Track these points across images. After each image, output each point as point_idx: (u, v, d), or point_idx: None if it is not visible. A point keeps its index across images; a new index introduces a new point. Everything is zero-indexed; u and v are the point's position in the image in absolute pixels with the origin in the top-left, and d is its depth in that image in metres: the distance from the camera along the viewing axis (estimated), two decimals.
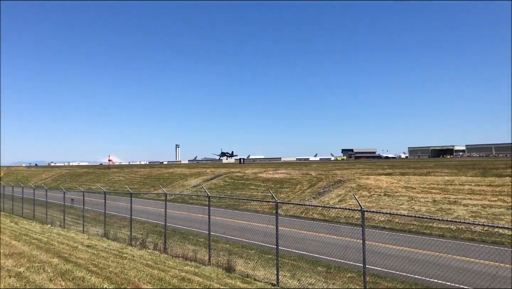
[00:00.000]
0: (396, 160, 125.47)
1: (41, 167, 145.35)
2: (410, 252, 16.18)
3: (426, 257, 15.20)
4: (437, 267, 13.77)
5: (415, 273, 13.41)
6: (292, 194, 38.06)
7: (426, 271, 13.32)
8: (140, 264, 11.49)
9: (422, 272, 13.35)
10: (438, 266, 13.87)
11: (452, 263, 14.28)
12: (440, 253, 15.78)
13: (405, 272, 13.53)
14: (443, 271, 13.14)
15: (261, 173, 51.01)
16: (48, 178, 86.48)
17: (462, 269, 13.63)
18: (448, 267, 13.70)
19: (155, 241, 17.83)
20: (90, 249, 13.98)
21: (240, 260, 15.25)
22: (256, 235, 19.55)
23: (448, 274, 12.86)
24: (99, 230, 21.88)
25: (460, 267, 14.08)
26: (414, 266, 13.72)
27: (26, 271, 8.58)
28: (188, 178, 56.83)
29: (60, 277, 8.20)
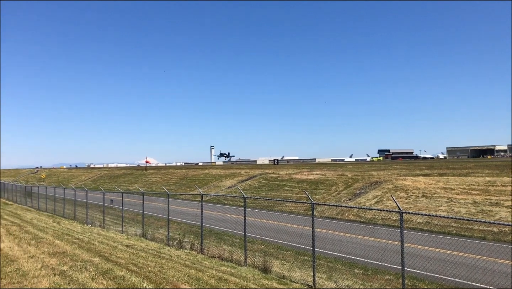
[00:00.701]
0: (434, 160, 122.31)
1: (81, 169, 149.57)
2: (450, 254, 15.77)
3: (466, 260, 14.77)
4: (479, 270, 13.34)
5: (456, 277, 13.07)
6: (327, 195, 37.77)
7: (467, 274, 12.94)
8: (177, 264, 11.68)
9: (463, 275, 12.98)
10: (480, 269, 13.45)
11: (494, 267, 13.81)
12: (482, 256, 15.29)
13: (445, 275, 13.21)
14: (485, 274, 12.73)
15: (296, 174, 50.84)
16: (88, 179, 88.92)
17: (505, 273, 13.20)
18: (491, 270, 13.27)
19: (192, 241, 18.06)
20: (129, 249, 14.30)
21: (275, 261, 15.26)
22: (292, 236, 19.53)
23: (490, 278, 12.46)
24: (137, 230, 22.34)
25: (503, 271, 13.62)
26: (455, 269, 13.37)
27: (69, 270, 8.86)
28: (223, 179, 57.25)
29: (101, 276, 8.43)
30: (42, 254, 10.78)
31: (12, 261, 9.53)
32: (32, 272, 8.43)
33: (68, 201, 32.41)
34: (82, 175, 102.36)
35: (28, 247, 11.92)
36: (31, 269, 8.76)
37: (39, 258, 10.13)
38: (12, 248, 11.59)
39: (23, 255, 10.43)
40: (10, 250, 11.21)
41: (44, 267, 8.97)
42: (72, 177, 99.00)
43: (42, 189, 39.83)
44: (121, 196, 24.96)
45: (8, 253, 10.68)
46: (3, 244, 12.45)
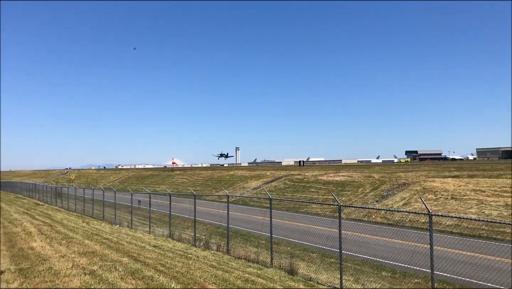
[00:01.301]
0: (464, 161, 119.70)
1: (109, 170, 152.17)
2: (480, 258, 15.38)
3: (498, 264, 14.37)
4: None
5: (487, 281, 12.74)
6: (354, 197, 37.43)
7: (499, 278, 12.59)
8: (204, 265, 11.77)
9: (494, 279, 12.63)
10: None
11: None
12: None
13: (476, 279, 12.93)
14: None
15: (322, 175, 50.54)
16: (116, 180, 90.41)
17: None
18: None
19: (218, 242, 18.16)
20: (156, 249, 14.48)
21: (302, 263, 15.21)
22: (318, 238, 19.42)
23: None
24: (164, 230, 22.59)
25: None
26: (486, 273, 13.04)
27: (99, 269, 9.03)
28: (249, 180, 57.38)
29: (130, 276, 8.57)
30: (72, 253, 11.02)
31: (44, 260, 9.77)
32: (63, 271, 8.63)
33: (97, 202, 33.01)
34: (111, 176, 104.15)
35: (59, 247, 12.20)
36: (62, 268, 8.96)
37: (70, 257, 10.36)
38: (44, 248, 11.88)
39: (55, 255, 10.69)
40: (42, 250, 11.50)
41: (74, 267, 9.17)
42: (100, 178, 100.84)
43: (72, 189, 40.67)
44: (149, 197, 25.28)
45: (40, 252, 10.96)
46: (35, 243, 12.79)
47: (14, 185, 73.81)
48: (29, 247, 11.97)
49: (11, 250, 11.35)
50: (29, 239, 13.68)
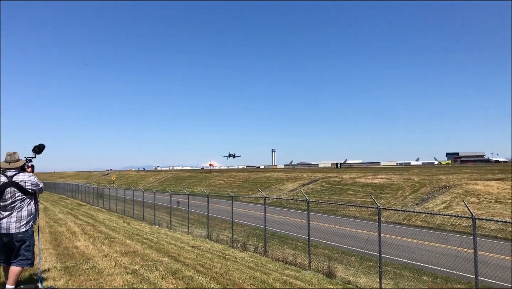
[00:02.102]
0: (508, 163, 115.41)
1: (149, 171, 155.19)
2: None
3: None
4: None
5: None
6: (393, 199, 36.77)
7: None
8: (242, 266, 11.84)
9: None
10: None
11: None
12: None
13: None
14: None
15: (360, 177, 49.86)
16: (155, 182, 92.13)
17: None
18: None
19: (255, 244, 18.23)
20: (195, 250, 14.67)
21: (340, 266, 15.07)
22: (356, 241, 19.20)
23: None
24: (202, 231, 22.86)
25: None
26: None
27: (141, 269, 9.23)
28: (285, 182, 57.27)
29: (171, 276, 8.72)
30: (115, 253, 11.31)
31: (88, 259, 10.07)
32: (106, 270, 8.87)
33: (137, 202, 33.74)
34: (150, 177, 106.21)
35: (102, 246, 12.54)
36: (105, 267, 9.21)
37: (112, 256, 10.64)
38: (88, 247, 12.25)
39: (98, 254, 10.99)
40: (86, 249, 11.85)
41: (117, 266, 9.41)
42: (140, 179, 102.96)
43: (113, 190, 41.73)
44: (187, 198, 25.65)
45: (84, 252, 11.30)
46: (79, 242, 13.19)
47: (58, 186, 76.35)
48: (73, 246, 12.36)
49: (56, 248, 11.75)
50: (73, 238, 14.13)
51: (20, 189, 6.28)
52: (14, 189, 6.23)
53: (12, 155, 6.51)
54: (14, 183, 6.25)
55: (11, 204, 6.22)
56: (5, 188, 6.20)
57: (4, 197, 6.21)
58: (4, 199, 6.21)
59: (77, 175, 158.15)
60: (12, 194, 6.22)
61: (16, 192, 6.24)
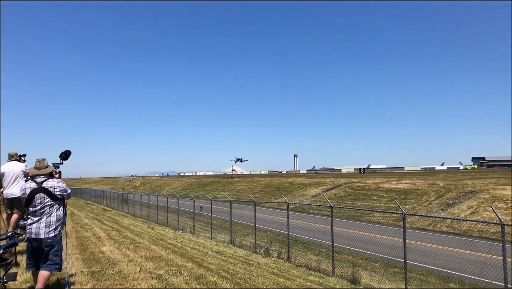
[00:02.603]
0: None
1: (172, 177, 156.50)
2: None
3: None
4: None
5: None
6: (417, 205, 36.22)
7: None
8: (266, 272, 11.84)
9: None
10: None
11: None
12: None
13: None
14: None
15: (383, 183, 49.29)
16: (179, 187, 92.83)
17: None
18: None
19: (279, 249, 18.19)
20: (219, 255, 14.73)
21: (364, 272, 14.92)
22: (380, 247, 18.99)
23: None
24: (225, 237, 22.92)
25: None
26: None
27: (165, 274, 9.32)
28: (307, 188, 57.00)
29: (195, 281, 8.79)
30: (140, 258, 11.44)
31: (113, 264, 10.21)
32: (132, 275, 8.98)
33: (161, 208, 34.07)
34: (173, 182, 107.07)
35: (127, 251, 12.70)
36: (131, 272, 9.33)
37: (138, 261, 10.76)
38: (113, 252, 12.42)
39: (123, 259, 11.14)
40: (111, 254, 12.02)
41: (142, 271, 9.52)
42: (164, 185, 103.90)
43: (137, 196, 42.25)
44: (210, 203, 25.79)
45: (110, 256, 11.46)
46: (105, 247, 13.38)
47: (83, 192, 77.65)
48: (99, 251, 12.55)
49: (83, 253, 11.94)
50: (99, 243, 14.34)
51: (50, 194, 6.43)
52: (43, 195, 6.39)
53: (41, 161, 6.67)
54: (44, 189, 6.41)
55: (41, 210, 6.38)
56: (35, 194, 6.36)
57: (34, 202, 6.36)
58: (34, 204, 6.37)
59: (102, 181, 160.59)
60: (41, 199, 6.37)
61: (45, 197, 6.40)
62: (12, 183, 10.56)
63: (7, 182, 10.57)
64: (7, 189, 10.58)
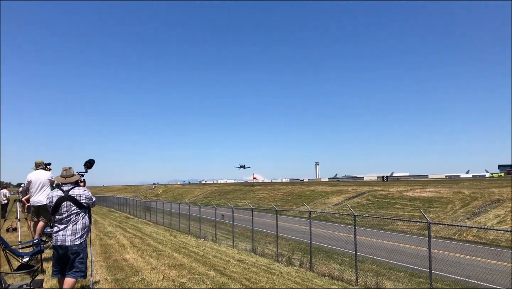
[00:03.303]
0: None
1: (194, 185, 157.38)
2: None
3: None
4: None
5: None
6: (442, 214, 35.59)
7: None
8: (288, 281, 11.77)
9: None
10: None
11: None
12: None
13: None
14: None
15: (407, 191, 48.60)
16: (200, 195, 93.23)
17: None
18: None
19: (301, 258, 18.08)
20: (241, 264, 14.71)
21: (388, 282, 14.70)
22: (404, 256, 18.69)
23: None
24: (247, 245, 22.89)
25: None
26: None
27: (188, 282, 9.35)
28: (330, 196, 56.58)
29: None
30: (162, 266, 11.51)
31: (137, 272, 10.29)
32: (155, 283, 9.03)
33: (183, 216, 34.24)
34: (195, 190, 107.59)
35: (150, 259, 12.79)
36: (154, 280, 9.39)
37: (160, 269, 10.82)
38: (136, 259, 12.52)
39: (146, 266, 11.22)
40: (134, 261, 12.12)
41: (165, 279, 9.57)
42: (185, 193, 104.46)
43: (159, 204, 42.59)
44: (231, 211, 25.81)
45: (133, 264, 11.56)
46: (128, 255, 13.50)
47: (107, 200, 78.59)
48: (122, 258, 12.67)
49: (107, 261, 12.07)
50: (123, 251, 14.48)
51: (76, 203, 6.53)
52: (70, 203, 6.49)
53: (68, 170, 6.79)
54: (70, 197, 6.51)
55: (67, 218, 6.48)
56: (61, 202, 6.47)
57: (60, 210, 6.47)
58: (60, 212, 6.47)
59: (125, 189, 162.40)
60: (68, 207, 6.48)
61: (72, 205, 6.50)
62: (39, 191, 10.80)
63: (34, 190, 10.82)
64: (34, 196, 10.82)
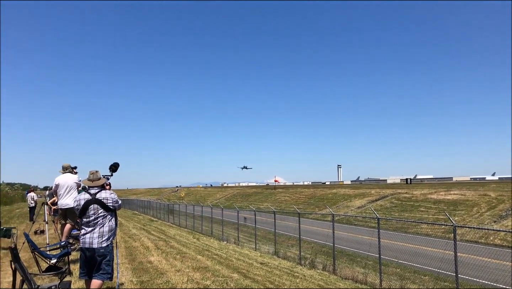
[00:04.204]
0: None
1: (216, 187, 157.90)
2: None
3: None
4: None
5: None
6: (468, 217, 34.95)
7: None
8: (312, 284, 11.76)
9: None
10: None
11: None
12: None
13: None
14: None
15: (431, 193, 47.87)
16: (222, 198, 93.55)
17: None
18: None
19: (324, 261, 18.00)
20: (264, 267, 14.75)
21: (413, 285, 14.57)
22: (429, 260, 18.44)
23: None
24: (269, 248, 22.90)
25: None
26: None
27: (212, 285, 9.42)
28: (352, 199, 56.10)
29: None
30: (186, 268, 11.63)
31: (161, 274, 10.42)
32: (179, 285, 9.13)
33: (205, 218, 34.46)
34: (217, 193, 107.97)
35: (174, 261, 12.93)
36: (178, 282, 9.49)
37: (185, 272, 10.94)
38: (161, 262, 12.67)
39: (171, 269, 11.35)
40: (159, 264, 12.27)
41: (189, 281, 9.67)
42: (208, 195, 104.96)
43: (182, 206, 42.95)
44: (254, 214, 25.86)
45: (158, 266, 11.70)
46: (153, 257, 13.68)
47: (131, 202, 79.62)
48: (147, 261, 12.83)
49: (132, 263, 12.24)
50: (147, 253, 14.67)
51: (103, 206, 6.67)
52: (97, 206, 6.63)
53: (94, 173, 6.94)
54: (98, 200, 6.65)
55: (94, 220, 6.62)
56: (89, 205, 6.62)
57: (88, 213, 6.61)
58: (88, 215, 6.61)
59: (148, 192, 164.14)
60: (95, 210, 6.62)
61: (99, 208, 6.64)
62: (66, 194, 11.06)
63: (61, 193, 11.09)
64: (62, 199, 11.08)
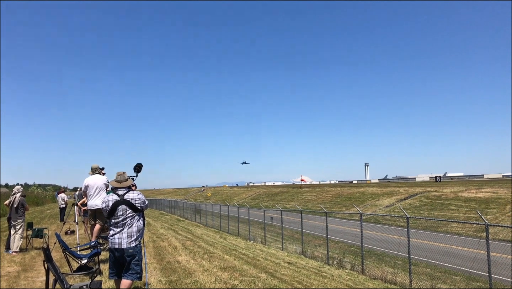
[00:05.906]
0: None
1: (242, 187, 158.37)
2: None
3: None
4: None
5: None
6: (500, 215, 34.05)
7: None
8: (340, 284, 11.63)
9: None
10: None
11: None
12: None
13: None
14: None
15: (462, 192, 46.84)
16: (248, 197, 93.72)
17: None
18: None
19: (352, 261, 17.81)
20: (291, 266, 14.67)
21: (444, 285, 14.27)
22: (460, 259, 18.01)
23: None
24: (296, 247, 22.80)
25: None
26: None
27: (240, 284, 9.42)
28: (380, 198, 55.40)
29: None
30: (214, 268, 11.67)
31: (190, 274, 10.47)
32: (207, 285, 9.16)
33: (232, 218, 34.56)
34: (243, 193, 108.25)
35: (202, 261, 13.00)
36: (206, 281, 9.52)
37: (212, 271, 10.97)
38: (189, 261, 12.75)
39: (199, 268, 11.40)
40: (187, 263, 12.34)
41: (217, 281, 9.69)
42: (234, 195, 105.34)
43: (209, 206, 43.19)
44: (280, 214, 25.78)
45: (185, 266, 11.77)
46: (181, 257, 13.77)
47: (158, 202, 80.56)
48: (175, 260, 12.93)
49: (160, 263, 12.35)
50: (175, 253, 14.78)
51: (131, 206, 6.73)
52: (125, 207, 6.70)
53: (122, 174, 7.01)
54: (126, 201, 6.72)
55: (123, 221, 6.68)
56: (117, 205, 6.69)
57: (116, 214, 6.68)
58: (116, 216, 6.68)
59: (175, 192, 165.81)
60: (123, 211, 6.68)
61: (127, 209, 6.70)
62: (96, 195, 11.26)
63: (91, 194, 11.29)
64: (91, 200, 11.28)
